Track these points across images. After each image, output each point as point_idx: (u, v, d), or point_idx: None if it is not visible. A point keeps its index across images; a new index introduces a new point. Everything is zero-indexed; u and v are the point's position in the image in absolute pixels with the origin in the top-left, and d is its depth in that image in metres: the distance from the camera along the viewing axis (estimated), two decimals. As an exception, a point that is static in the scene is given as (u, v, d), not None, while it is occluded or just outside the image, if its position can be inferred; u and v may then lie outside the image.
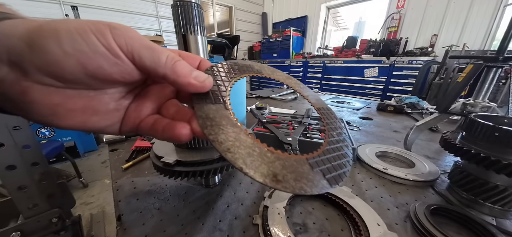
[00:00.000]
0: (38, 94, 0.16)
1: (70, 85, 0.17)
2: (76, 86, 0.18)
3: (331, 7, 4.94)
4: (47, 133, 2.39)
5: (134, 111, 0.23)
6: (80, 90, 0.18)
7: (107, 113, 0.21)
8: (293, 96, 1.77)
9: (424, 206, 0.43)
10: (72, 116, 0.18)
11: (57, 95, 0.17)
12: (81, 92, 0.18)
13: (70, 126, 0.19)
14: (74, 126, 0.19)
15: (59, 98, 0.17)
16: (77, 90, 0.18)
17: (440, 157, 0.72)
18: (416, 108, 1.36)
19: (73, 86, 0.18)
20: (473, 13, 3.09)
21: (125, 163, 0.63)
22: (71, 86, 0.17)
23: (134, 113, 0.23)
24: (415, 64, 3.21)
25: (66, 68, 0.16)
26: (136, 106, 0.24)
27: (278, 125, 0.80)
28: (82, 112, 0.19)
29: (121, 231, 0.40)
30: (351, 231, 0.40)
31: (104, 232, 1.65)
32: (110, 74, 0.18)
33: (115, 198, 0.49)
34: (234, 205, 0.47)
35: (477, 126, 0.43)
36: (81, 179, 2.12)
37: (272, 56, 5.43)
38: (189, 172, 0.39)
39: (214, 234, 0.39)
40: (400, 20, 3.77)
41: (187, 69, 0.21)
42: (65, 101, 0.18)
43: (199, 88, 0.22)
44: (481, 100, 0.72)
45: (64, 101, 0.18)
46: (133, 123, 0.23)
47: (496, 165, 0.38)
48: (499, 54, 0.65)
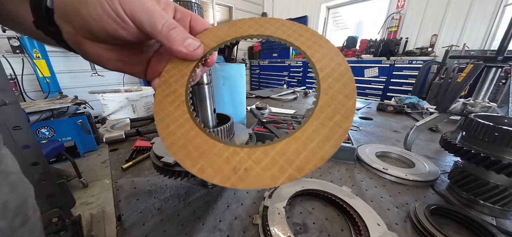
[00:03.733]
0: (87, 45, 0.23)
1: (101, 40, 0.23)
2: (105, 41, 0.24)
3: (331, 7, 4.93)
4: (47, 133, 2.39)
5: (155, 66, 0.28)
6: (109, 44, 0.24)
7: (133, 62, 0.28)
8: (293, 96, 1.77)
9: (424, 206, 0.43)
10: (110, 62, 0.26)
11: (98, 48, 0.24)
12: (111, 46, 0.25)
13: (112, 68, 0.26)
14: (115, 69, 0.26)
15: (98, 49, 0.24)
16: (107, 44, 0.24)
17: (440, 157, 0.72)
18: (416, 108, 1.36)
19: (103, 41, 0.23)
20: (473, 13, 3.09)
21: (125, 163, 0.63)
22: (102, 41, 0.23)
23: (155, 67, 0.28)
24: (415, 64, 3.21)
25: (94, 29, 0.22)
26: (156, 62, 0.29)
27: (278, 125, 0.80)
28: (116, 60, 0.26)
29: (121, 231, 0.40)
30: (351, 231, 0.40)
31: (104, 232, 1.65)
32: (122, 35, 0.23)
33: (115, 198, 0.49)
34: (234, 205, 0.47)
35: (477, 126, 0.43)
36: (81, 179, 2.12)
37: (272, 56, 5.43)
38: (189, 172, 0.39)
39: (214, 234, 0.39)
40: (400, 20, 3.77)
41: (180, 37, 0.24)
42: (102, 52, 0.24)
43: (189, 56, 0.25)
44: (481, 100, 0.72)
45: (102, 52, 0.24)
46: (155, 74, 0.28)
47: (496, 165, 0.38)
48: (499, 54, 0.65)
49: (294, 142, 0.19)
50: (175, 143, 0.20)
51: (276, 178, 0.18)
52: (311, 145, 0.19)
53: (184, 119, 0.22)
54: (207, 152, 0.20)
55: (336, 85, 0.22)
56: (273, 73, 5.47)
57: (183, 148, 0.20)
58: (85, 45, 0.23)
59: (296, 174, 0.18)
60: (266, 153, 0.19)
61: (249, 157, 0.19)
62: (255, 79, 6.12)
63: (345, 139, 0.69)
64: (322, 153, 0.18)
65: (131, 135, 0.82)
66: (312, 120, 0.20)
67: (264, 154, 0.19)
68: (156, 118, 0.22)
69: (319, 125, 0.20)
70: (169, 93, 0.24)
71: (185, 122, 0.22)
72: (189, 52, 0.24)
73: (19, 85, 2.99)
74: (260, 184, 0.17)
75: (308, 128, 0.20)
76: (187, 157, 0.19)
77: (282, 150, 0.19)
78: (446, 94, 0.83)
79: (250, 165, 0.19)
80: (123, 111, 1.17)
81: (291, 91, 2.04)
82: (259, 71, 5.91)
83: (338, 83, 0.22)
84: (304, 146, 0.19)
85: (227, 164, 0.19)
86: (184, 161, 0.19)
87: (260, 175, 0.18)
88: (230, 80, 0.78)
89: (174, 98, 0.24)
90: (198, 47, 0.25)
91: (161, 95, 0.24)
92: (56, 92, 3.20)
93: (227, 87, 0.78)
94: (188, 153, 0.20)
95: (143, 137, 0.81)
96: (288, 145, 0.19)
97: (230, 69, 0.77)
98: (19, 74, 2.97)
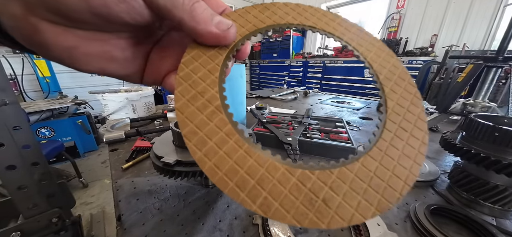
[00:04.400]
0: (50, 34, 0.15)
1: (79, 24, 0.15)
2: (85, 26, 0.16)
3: (331, 7, 4.94)
4: (47, 133, 2.39)
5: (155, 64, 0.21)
6: (91, 31, 0.16)
7: (125, 61, 0.19)
8: (293, 96, 1.77)
9: (424, 206, 0.43)
10: (89, 61, 0.17)
11: (70, 36, 0.15)
12: (93, 34, 0.16)
13: (90, 71, 0.18)
14: (94, 70, 0.18)
15: (72, 40, 0.16)
16: (88, 31, 0.16)
17: (440, 157, 0.72)
18: (416, 108, 1.36)
19: (81, 25, 0.16)
20: (473, 13, 3.09)
21: (125, 163, 0.63)
22: (80, 25, 0.16)
23: (155, 66, 0.21)
24: (415, 64, 3.21)
25: (68, 3, 0.14)
26: (158, 58, 0.21)
27: (278, 125, 0.80)
28: (99, 57, 0.17)
29: (121, 231, 0.40)
30: (351, 231, 0.40)
31: (104, 232, 1.65)
32: (117, 13, 0.15)
33: (115, 198, 0.49)
34: (234, 205, 0.47)
35: (477, 126, 0.43)
36: (81, 179, 2.12)
37: (272, 56, 5.43)
38: (189, 172, 0.39)
39: (214, 234, 0.39)
40: (400, 20, 3.77)
41: (208, 13, 0.17)
42: (79, 43, 0.16)
43: (221, 40, 0.18)
44: (481, 100, 0.72)
45: (78, 44, 0.16)
46: (156, 76, 0.21)
47: (496, 165, 0.38)
48: (499, 54, 0.65)
49: (372, 161, 0.16)
50: (220, 166, 0.15)
51: (366, 209, 0.14)
52: (394, 164, 0.16)
53: (226, 131, 0.16)
54: (267, 179, 0.15)
55: (399, 89, 0.19)
56: (273, 73, 5.47)
57: (233, 174, 0.15)
58: (48, 33, 0.14)
59: (387, 202, 0.14)
60: (344, 176, 0.15)
61: (324, 183, 0.15)
62: (255, 79, 6.12)
63: (345, 139, 0.69)
64: (407, 173, 0.15)
65: (131, 135, 0.82)
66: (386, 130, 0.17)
67: (341, 177, 0.15)
68: (183, 130, 0.16)
69: (395, 138, 0.17)
70: (197, 95, 0.17)
71: (228, 135, 0.16)
72: (221, 33, 0.18)
73: (19, 85, 2.99)
74: (347, 219, 0.14)
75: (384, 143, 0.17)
76: (241, 187, 0.14)
77: (362, 171, 0.16)
78: (446, 94, 0.83)
79: (329, 193, 0.15)
80: (123, 111, 1.17)
81: (291, 91, 2.04)
82: (259, 71, 5.91)
83: (400, 87, 0.20)
84: (388, 164, 0.16)
85: (298, 193, 0.14)
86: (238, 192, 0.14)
87: (345, 207, 0.14)
88: (230, 80, 0.78)
89: (205, 101, 0.17)
90: (231, 26, 0.18)
91: (186, 97, 0.17)
92: (56, 92, 3.20)
93: (227, 87, 0.77)
94: (241, 181, 0.14)
95: (143, 137, 0.81)
96: (368, 163, 0.16)
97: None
98: (19, 74, 2.97)
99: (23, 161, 0.74)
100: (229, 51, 0.20)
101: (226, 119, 0.17)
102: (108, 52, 0.18)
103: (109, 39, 0.17)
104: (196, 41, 0.19)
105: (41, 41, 0.15)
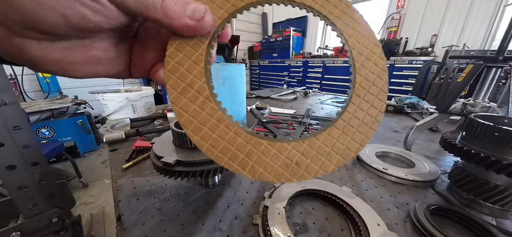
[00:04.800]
0: (36, 51, 0.15)
1: (60, 38, 0.16)
2: (67, 38, 0.17)
3: (331, 7, 4.94)
4: (47, 133, 2.39)
5: (139, 57, 0.22)
6: (73, 40, 0.17)
7: (110, 61, 0.20)
8: (293, 96, 1.77)
9: (424, 206, 0.43)
10: (78, 68, 0.18)
11: (54, 50, 0.16)
12: (75, 43, 0.17)
13: (81, 76, 0.19)
14: (84, 76, 0.19)
15: (58, 53, 0.16)
16: (70, 40, 0.17)
17: (440, 157, 0.72)
18: (416, 108, 1.36)
19: (64, 38, 0.16)
20: (473, 13, 3.09)
21: (125, 163, 0.63)
22: (62, 38, 0.16)
23: (139, 59, 0.22)
24: (415, 64, 3.21)
25: (45, 21, 0.14)
26: (140, 52, 0.22)
27: (278, 125, 0.80)
28: (85, 63, 0.18)
29: (121, 231, 0.40)
30: (351, 231, 0.40)
31: (104, 232, 1.65)
32: (96, 23, 0.16)
33: (115, 198, 0.49)
34: (234, 205, 0.47)
35: (477, 126, 0.43)
36: (81, 179, 2.12)
37: (272, 56, 5.43)
38: (189, 172, 0.39)
39: (214, 234, 0.39)
40: (400, 20, 3.77)
41: (179, 6, 0.17)
42: (64, 55, 0.17)
43: (198, 30, 0.19)
44: (481, 100, 0.72)
45: (64, 56, 0.17)
46: (142, 69, 0.22)
47: (496, 165, 0.38)
48: (499, 54, 0.65)
49: (336, 130, 0.20)
50: (215, 146, 0.19)
51: (327, 166, 0.19)
52: (353, 131, 0.20)
53: (217, 117, 0.19)
54: (253, 152, 0.19)
55: (369, 63, 0.21)
56: (273, 73, 5.47)
57: (226, 151, 0.19)
58: (33, 50, 0.15)
59: (343, 159, 0.19)
60: (313, 144, 0.19)
61: (297, 150, 0.19)
62: (255, 79, 6.12)
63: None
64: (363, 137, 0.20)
65: (131, 135, 0.82)
66: (351, 104, 0.21)
67: (311, 145, 0.19)
68: (180, 119, 0.19)
69: (358, 109, 0.20)
70: (186, 88, 0.19)
71: (219, 121, 0.19)
72: (196, 24, 0.18)
73: (19, 85, 2.99)
74: (312, 174, 0.19)
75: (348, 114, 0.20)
76: (233, 159, 0.19)
77: (328, 139, 0.20)
78: (446, 94, 0.83)
79: (300, 158, 0.19)
80: (123, 111, 1.17)
81: (291, 91, 2.04)
82: (259, 71, 5.91)
83: (370, 61, 0.21)
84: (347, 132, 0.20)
85: (277, 160, 0.19)
86: (231, 164, 0.18)
87: (311, 166, 0.19)
88: (230, 80, 0.78)
89: (195, 93, 0.19)
90: (206, 13, 0.18)
91: (177, 90, 0.19)
92: (56, 92, 3.21)
93: (227, 87, 0.78)
94: (234, 155, 0.19)
95: (143, 137, 0.81)
96: (332, 133, 0.20)
97: (230, 69, 0.77)
98: (19, 74, 2.97)
99: (23, 161, 0.74)
100: (211, 38, 0.20)
101: (215, 107, 0.19)
102: (93, 56, 0.19)
103: (92, 44, 0.18)
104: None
105: (28, 58, 0.16)
